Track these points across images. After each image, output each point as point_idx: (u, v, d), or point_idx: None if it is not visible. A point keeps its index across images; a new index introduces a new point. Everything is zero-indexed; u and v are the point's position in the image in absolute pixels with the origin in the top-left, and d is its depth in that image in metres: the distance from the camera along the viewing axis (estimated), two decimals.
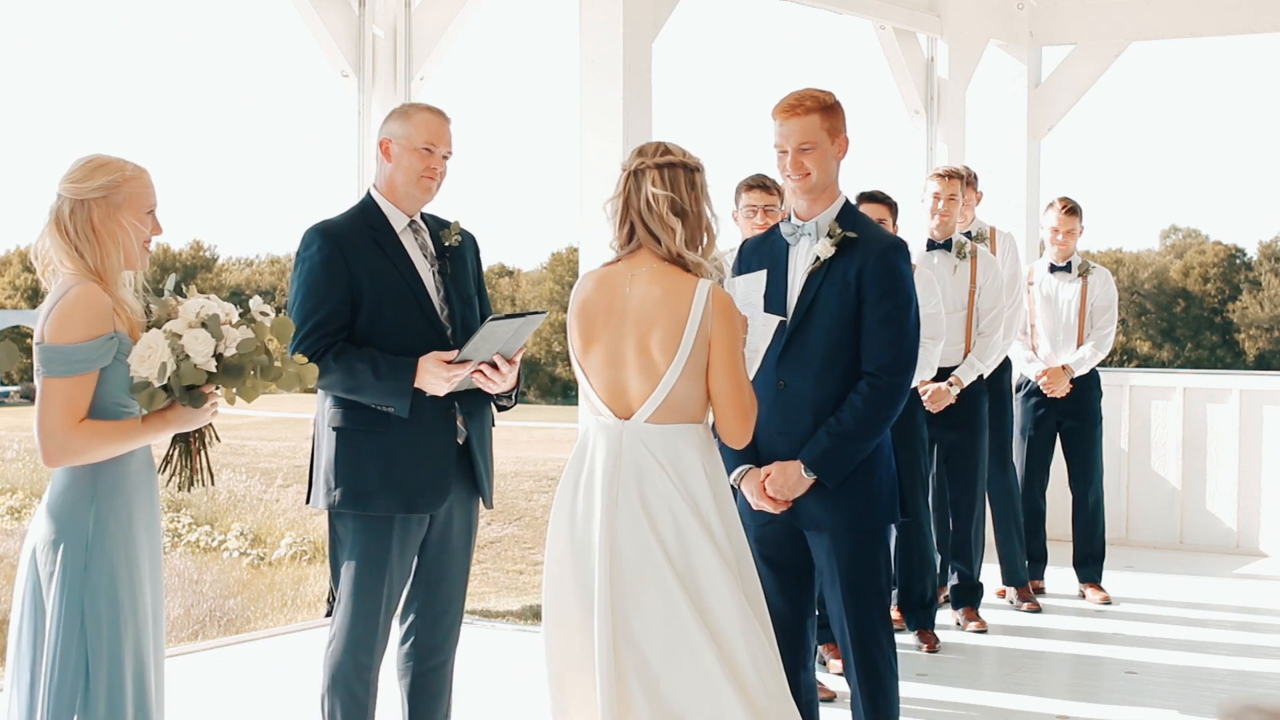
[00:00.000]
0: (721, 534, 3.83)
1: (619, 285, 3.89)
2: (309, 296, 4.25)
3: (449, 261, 4.42)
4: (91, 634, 3.43)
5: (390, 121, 4.40)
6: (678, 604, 3.75)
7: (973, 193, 7.50)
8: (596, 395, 3.91)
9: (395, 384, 4.21)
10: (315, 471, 4.38)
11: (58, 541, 3.46)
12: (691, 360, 3.81)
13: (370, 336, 4.27)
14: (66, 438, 3.44)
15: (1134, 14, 9.34)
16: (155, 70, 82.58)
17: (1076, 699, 5.97)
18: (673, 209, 3.85)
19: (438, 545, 4.43)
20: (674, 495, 3.81)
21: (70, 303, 3.46)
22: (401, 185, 4.36)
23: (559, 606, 3.93)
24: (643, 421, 3.84)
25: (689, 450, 3.84)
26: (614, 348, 3.87)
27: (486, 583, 24.98)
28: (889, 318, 4.32)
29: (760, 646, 3.79)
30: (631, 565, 3.79)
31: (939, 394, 6.83)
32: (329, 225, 4.36)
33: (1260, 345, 49.96)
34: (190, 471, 3.68)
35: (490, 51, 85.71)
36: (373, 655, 4.35)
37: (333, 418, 4.30)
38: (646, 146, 3.94)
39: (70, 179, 3.54)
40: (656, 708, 3.75)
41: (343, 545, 4.34)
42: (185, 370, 3.44)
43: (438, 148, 4.36)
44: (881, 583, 4.41)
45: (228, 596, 24.84)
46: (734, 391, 3.85)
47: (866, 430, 4.32)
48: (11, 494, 30.91)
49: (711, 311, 3.81)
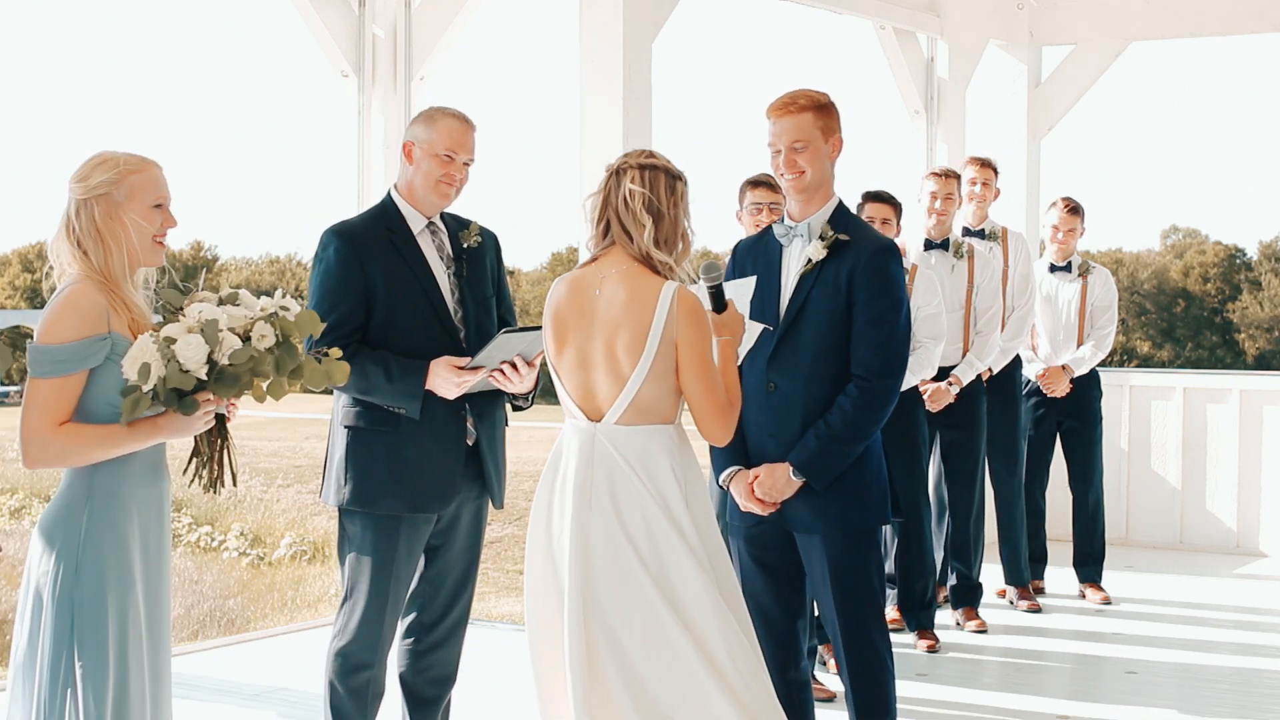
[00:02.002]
0: (693, 533, 3.84)
1: (589, 288, 3.91)
2: (325, 297, 4.29)
3: (466, 263, 4.45)
4: (80, 639, 3.41)
5: (416, 124, 4.44)
6: (654, 605, 3.77)
7: (996, 185, 7.53)
8: (569, 397, 3.93)
9: (406, 386, 4.24)
10: (329, 467, 4.43)
11: (52, 545, 3.44)
12: (657, 362, 3.82)
13: (384, 337, 4.30)
14: (45, 440, 3.39)
15: (1134, 14, 9.34)
16: (156, 70, 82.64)
17: (1076, 699, 5.97)
18: (646, 206, 3.87)
19: (444, 544, 4.46)
20: (645, 496, 3.82)
21: (63, 302, 3.43)
22: (420, 189, 4.39)
23: (541, 609, 3.94)
24: (612, 423, 3.86)
25: (658, 451, 3.86)
26: (583, 350, 3.90)
27: (486, 583, 24.99)
28: (878, 320, 4.31)
29: (738, 643, 3.80)
30: (606, 567, 3.81)
31: (938, 393, 6.84)
32: (346, 226, 4.41)
33: (1260, 345, 49.95)
34: (211, 472, 3.64)
35: (490, 51, 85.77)
36: (377, 652, 4.37)
37: (346, 416, 4.36)
38: (632, 151, 3.99)
39: (76, 178, 3.52)
40: (643, 709, 3.76)
41: (351, 542, 4.38)
42: (171, 375, 3.37)
43: (459, 155, 4.38)
44: (874, 584, 4.40)
45: (228, 596, 24.85)
46: (706, 391, 3.86)
47: (855, 433, 4.31)
48: (11, 494, 30.89)
49: (676, 313, 3.82)
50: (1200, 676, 6.33)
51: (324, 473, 4.47)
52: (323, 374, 3.58)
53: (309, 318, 3.58)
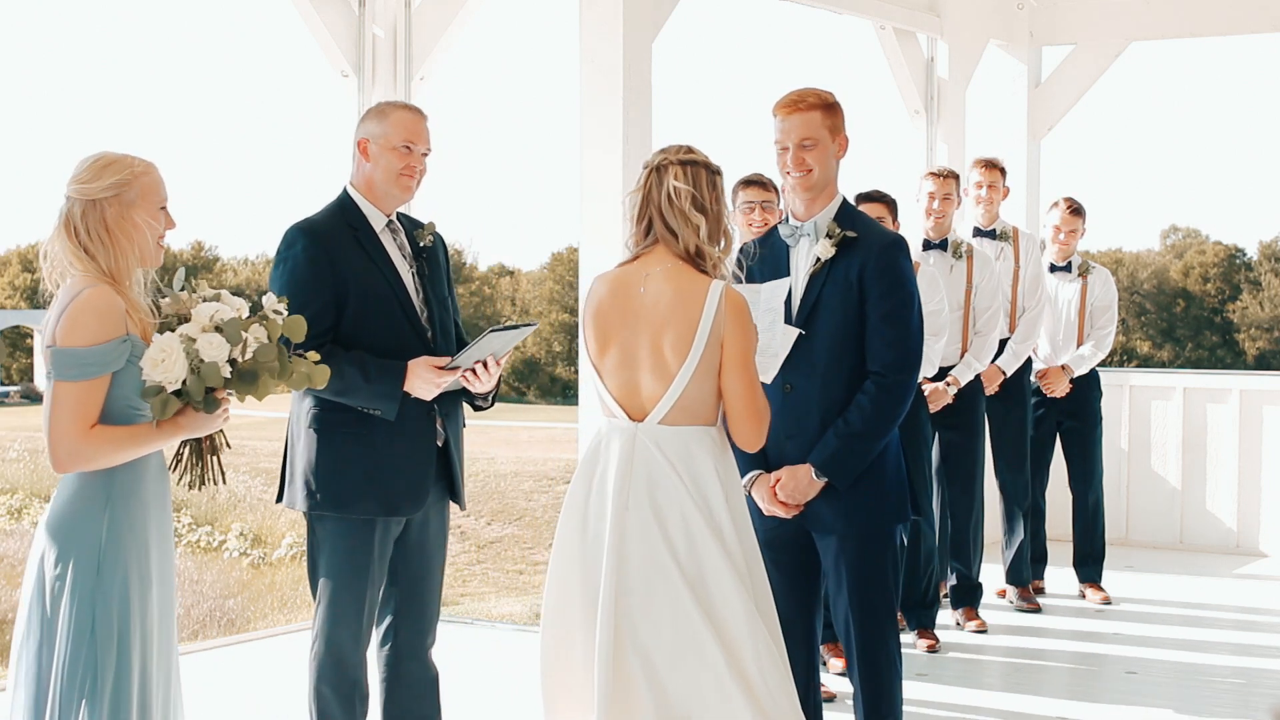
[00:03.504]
0: (733, 538, 3.83)
1: (633, 286, 3.88)
2: (294, 296, 4.14)
3: (425, 262, 4.41)
4: (102, 640, 3.40)
5: (367, 121, 4.37)
6: (686, 607, 3.75)
7: (1004, 184, 7.52)
8: (611, 397, 3.90)
9: (384, 387, 4.18)
10: (291, 471, 4.33)
11: (68, 547, 3.42)
12: (704, 361, 3.80)
13: (354, 337, 4.23)
14: (78, 443, 3.39)
15: (1134, 14, 9.34)
16: (156, 70, 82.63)
17: (1076, 699, 5.97)
18: (694, 204, 3.85)
19: (415, 546, 4.41)
20: (685, 498, 3.80)
21: (83, 305, 3.41)
22: (381, 184, 4.32)
23: (561, 606, 3.92)
24: (656, 423, 3.84)
25: (702, 453, 3.84)
26: (628, 349, 3.87)
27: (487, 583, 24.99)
28: (892, 316, 4.31)
29: (768, 652, 3.78)
30: (640, 567, 3.79)
31: (936, 394, 6.83)
32: (311, 224, 4.31)
33: (1260, 345, 49.96)
34: (202, 470, 3.64)
35: (490, 51, 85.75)
36: (357, 655, 4.33)
37: (312, 418, 4.26)
38: (670, 146, 3.95)
39: (79, 180, 3.50)
40: (664, 710, 3.75)
41: (322, 547, 4.31)
42: (207, 371, 3.39)
43: (416, 145, 4.33)
44: (890, 585, 4.40)
45: (228, 596, 24.87)
46: (747, 393, 3.85)
47: (875, 430, 4.31)
48: (12, 494, 30.92)
49: (724, 312, 3.81)
50: (1200, 676, 6.33)
51: (284, 476, 4.35)
52: (304, 377, 3.58)
53: (295, 323, 3.60)
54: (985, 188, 7.40)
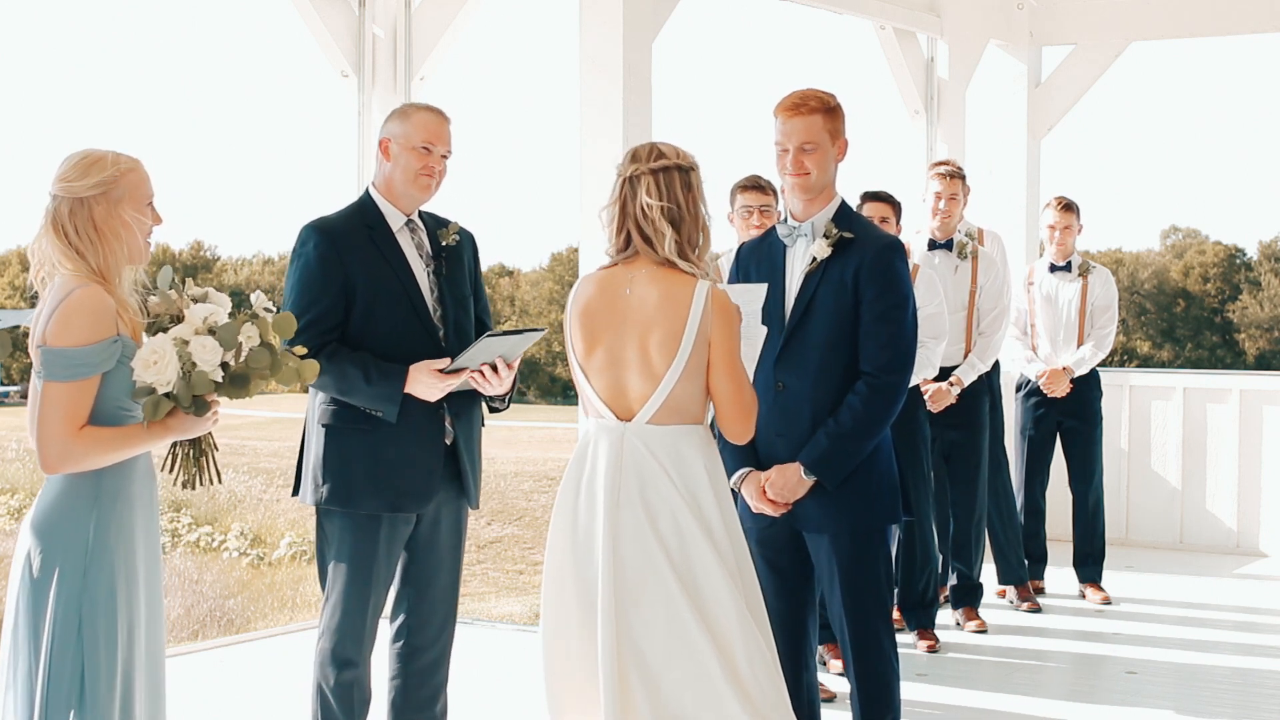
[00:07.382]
0: (723, 536, 3.83)
1: (619, 287, 3.88)
2: (304, 294, 4.25)
3: (445, 261, 4.42)
4: (88, 640, 3.39)
5: (390, 121, 4.42)
6: (678, 606, 3.75)
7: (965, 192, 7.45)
8: (598, 397, 3.90)
9: (385, 390, 4.22)
10: (305, 466, 4.39)
11: (54, 548, 3.40)
12: (691, 361, 3.81)
13: (362, 335, 4.27)
14: (67, 444, 3.37)
15: (1134, 14, 9.34)
16: (155, 70, 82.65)
17: (1076, 699, 5.97)
18: (666, 216, 3.84)
19: (427, 545, 4.43)
20: (675, 497, 3.80)
21: (74, 305, 3.39)
22: (400, 184, 4.36)
23: (558, 607, 3.92)
24: (644, 423, 3.84)
25: (691, 451, 3.84)
26: (615, 349, 3.87)
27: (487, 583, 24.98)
28: (885, 317, 4.32)
29: (758, 649, 3.79)
30: (633, 567, 3.79)
31: (940, 394, 6.83)
32: (325, 222, 4.36)
33: (1260, 345, 49.94)
34: (197, 470, 3.64)
35: (490, 51, 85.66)
36: (360, 652, 4.35)
37: (323, 414, 4.32)
38: (639, 150, 3.91)
39: (64, 178, 3.46)
40: (658, 709, 3.75)
41: (329, 543, 4.36)
42: (197, 379, 3.38)
43: (436, 147, 4.36)
44: (882, 584, 4.41)
45: (228, 596, 24.87)
46: (734, 390, 3.86)
47: (865, 430, 4.32)
48: (12, 494, 30.93)
49: (710, 312, 3.81)
50: (1200, 676, 6.33)
51: (299, 471, 4.42)
52: (293, 372, 3.59)
53: (285, 320, 3.60)
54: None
